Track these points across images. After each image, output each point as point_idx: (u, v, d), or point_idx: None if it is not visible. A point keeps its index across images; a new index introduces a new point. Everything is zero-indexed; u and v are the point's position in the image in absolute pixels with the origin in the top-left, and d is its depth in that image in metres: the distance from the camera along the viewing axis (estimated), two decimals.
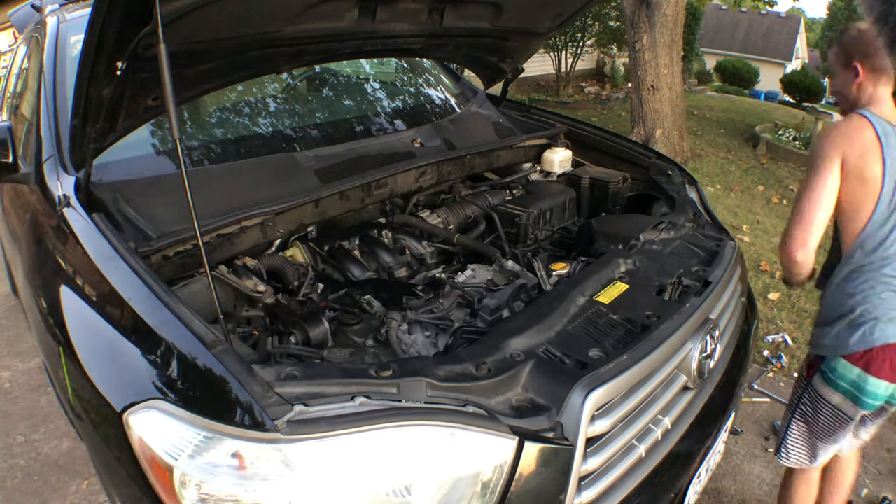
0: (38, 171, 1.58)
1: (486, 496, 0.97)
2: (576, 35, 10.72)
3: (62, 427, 2.39)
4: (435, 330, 1.38)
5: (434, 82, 2.75)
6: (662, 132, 6.12)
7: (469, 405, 0.99)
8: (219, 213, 1.37)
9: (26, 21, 2.64)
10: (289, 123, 2.10)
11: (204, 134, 1.91)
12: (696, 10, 12.14)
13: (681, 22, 6.18)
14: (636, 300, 1.34)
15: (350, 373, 0.99)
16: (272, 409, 0.87)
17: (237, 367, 0.92)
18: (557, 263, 1.59)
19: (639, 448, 1.18)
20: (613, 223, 1.80)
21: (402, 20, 1.62)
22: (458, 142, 1.98)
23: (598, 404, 1.06)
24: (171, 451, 0.92)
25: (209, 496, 0.90)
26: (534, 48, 2.17)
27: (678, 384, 1.30)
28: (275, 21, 1.36)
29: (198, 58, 1.33)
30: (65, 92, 1.70)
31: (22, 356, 2.95)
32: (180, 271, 1.38)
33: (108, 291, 1.14)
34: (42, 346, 1.42)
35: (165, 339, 1.01)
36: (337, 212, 1.73)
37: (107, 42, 1.03)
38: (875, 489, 2.20)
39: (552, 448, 1.00)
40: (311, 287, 1.56)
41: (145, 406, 0.97)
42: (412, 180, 1.90)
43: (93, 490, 2.11)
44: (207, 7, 1.12)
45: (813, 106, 13.92)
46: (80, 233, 1.27)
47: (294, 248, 1.69)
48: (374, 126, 2.09)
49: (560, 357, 1.14)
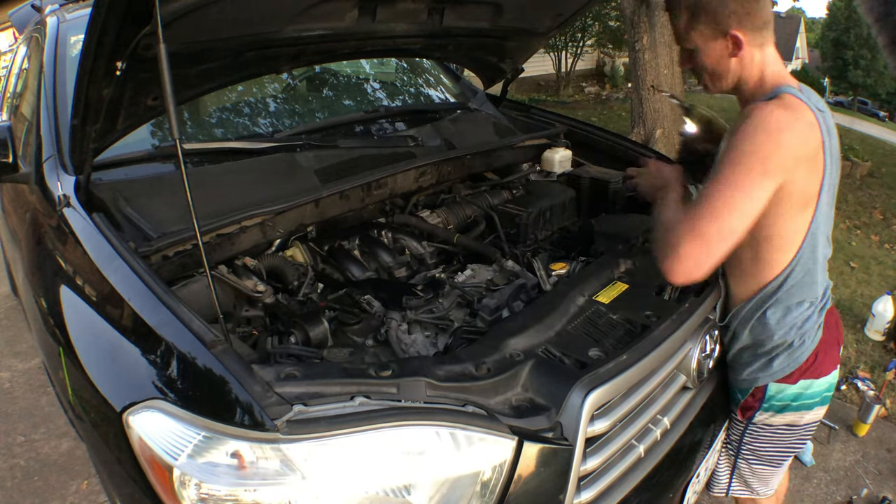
0: (38, 171, 1.58)
1: (486, 496, 0.97)
2: (576, 35, 10.73)
3: (62, 427, 2.39)
4: (434, 330, 1.38)
5: (434, 82, 2.75)
6: (662, 132, 6.11)
7: (468, 405, 0.99)
8: (219, 213, 1.37)
9: (26, 21, 2.64)
10: (289, 123, 2.11)
11: (204, 134, 1.92)
12: None
13: None
14: (636, 300, 1.34)
15: (350, 373, 0.99)
16: (272, 409, 0.87)
17: (237, 367, 0.92)
18: (557, 263, 1.59)
19: (638, 448, 1.18)
20: (613, 223, 1.80)
21: (402, 20, 1.62)
22: (458, 142, 1.98)
23: (597, 404, 1.06)
24: (171, 451, 0.92)
25: (209, 496, 0.90)
26: (534, 48, 2.17)
27: (677, 384, 1.30)
28: (275, 21, 1.36)
29: (198, 58, 1.33)
30: (65, 92, 1.70)
31: (22, 356, 2.95)
32: (180, 271, 1.38)
33: (107, 291, 1.14)
34: (42, 346, 1.42)
35: (165, 339, 1.02)
36: (337, 212, 1.73)
37: (107, 42, 1.03)
38: (875, 489, 2.20)
39: (551, 448, 1.00)
40: (310, 287, 1.56)
41: (145, 406, 0.98)
42: (412, 180, 1.90)
43: (93, 490, 2.11)
44: (207, 7, 1.12)
45: None
46: (80, 233, 1.27)
47: (294, 248, 1.69)
48: (373, 126, 2.09)
49: (560, 357, 1.14)
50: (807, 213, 1.20)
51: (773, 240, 1.22)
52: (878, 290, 3.87)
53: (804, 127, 1.12)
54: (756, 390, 1.37)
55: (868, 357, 3.07)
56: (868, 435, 2.48)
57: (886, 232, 5.65)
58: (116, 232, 1.23)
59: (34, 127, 1.76)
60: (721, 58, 1.22)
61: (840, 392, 2.76)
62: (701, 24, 1.21)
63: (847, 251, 4.77)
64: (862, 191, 7.07)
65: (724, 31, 1.19)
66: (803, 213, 1.20)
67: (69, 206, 1.35)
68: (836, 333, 1.37)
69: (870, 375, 2.88)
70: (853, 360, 3.03)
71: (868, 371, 2.93)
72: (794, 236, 1.22)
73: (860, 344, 3.19)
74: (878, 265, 4.56)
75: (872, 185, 7.48)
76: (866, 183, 7.54)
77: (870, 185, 7.47)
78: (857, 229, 5.59)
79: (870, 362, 3.02)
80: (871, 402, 2.44)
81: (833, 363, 1.36)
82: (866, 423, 2.46)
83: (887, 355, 3.08)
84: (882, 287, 3.96)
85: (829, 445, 2.42)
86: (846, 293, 3.85)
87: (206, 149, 1.66)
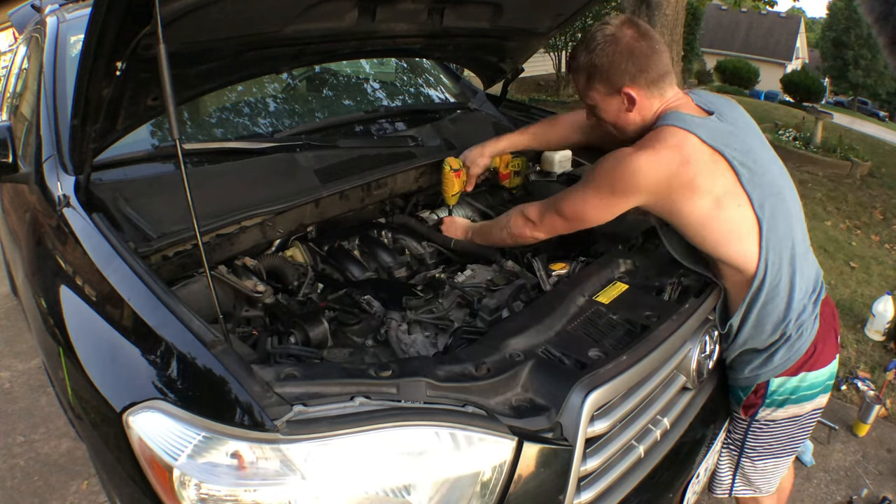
0: (37, 171, 1.58)
1: (486, 496, 0.97)
2: (576, 35, 10.72)
3: (62, 427, 2.39)
4: (434, 330, 1.38)
5: (434, 82, 2.75)
6: None
7: (468, 405, 0.99)
8: (218, 214, 1.37)
9: (26, 21, 2.64)
10: (289, 123, 2.10)
11: (204, 134, 1.92)
12: (696, 10, 12.14)
13: (681, 22, 6.17)
14: (636, 300, 1.34)
15: (350, 373, 0.99)
16: (272, 409, 0.87)
17: (237, 367, 0.92)
18: (557, 263, 1.59)
19: (638, 448, 1.18)
20: (613, 223, 1.79)
21: (402, 20, 1.62)
22: (458, 142, 1.98)
23: (597, 404, 1.06)
24: (171, 451, 0.92)
25: (209, 496, 0.90)
26: (534, 48, 2.17)
27: (677, 384, 1.30)
28: (275, 21, 1.36)
29: (198, 58, 1.33)
30: (65, 92, 1.70)
31: (22, 356, 2.95)
32: (180, 271, 1.38)
33: (107, 291, 1.14)
34: (42, 346, 1.42)
35: (165, 339, 1.02)
36: (337, 212, 1.73)
37: (106, 42, 1.03)
38: (875, 489, 2.20)
39: (551, 448, 1.00)
40: (310, 287, 1.56)
41: (145, 406, 0.97)
42: (412, 180, 1.90)
43: (93, 490, 2.11)
44: (207, 7, 1.12)
45: (813, 106, 13.92)
46: (80, 233, 1.27)
47: (294, 248, 1.68)
48: (373, 126, 2.09)
49: (559, 357, 1.14)
50: (737, 210, 1.23)
51: (728, 244, 1.27)
52: (878, 290, 3.87)
53: (665, 152, 1.20)
54: (758, 387, 1.38)
55: (868, 357, 3.07)
56: (868, 435, 2.48)
57: (886, 232, 5.65)
58: (116, 232, 1.23)
59: (34, 127, 1.76)
60: (619, 112, 1.31)
61: (840, 392, 2.76)
62: (596, 83, 1.30)
63: (847, 251, 4.77)
64: (862, 191, 7.07)
65: (617, 89, 1.28)
66: (728, 210, 1.23)
67: (69, 206, 1.35)
68: (832, 323, 1.39)
69: (870, 375, 2.88)
70: (853, 360, 3.03)
71: (868, 371, 2.93)
72: (746, 234, 1.25)
73: (860, 344, 3.19)
74: (879, 265, 4.56)
75: (872, 185, 7.48)
76: (866, 183, 7.53)
77: (870, 185, 7.46)
78: (857, 229, 5.58)
79: (870, 362, 3.02)
80: (871, 402, 2.44)
81: (832, 352, 1.38)
82: (866, 423, 2.46)
83: (887, 355, 3.08)
84: (882, 287, 3.96)
85: (830, 445, 2.42)
86: (846, 293, 3.85)
87: (206, 149, 1.66)
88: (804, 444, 2.29)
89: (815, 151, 8.07)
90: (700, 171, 1.20)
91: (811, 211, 5.63)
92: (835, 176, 7.45)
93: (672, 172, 1.20)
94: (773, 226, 1.26)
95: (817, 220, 5.48)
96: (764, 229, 1.24)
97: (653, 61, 1.26)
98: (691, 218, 1.24)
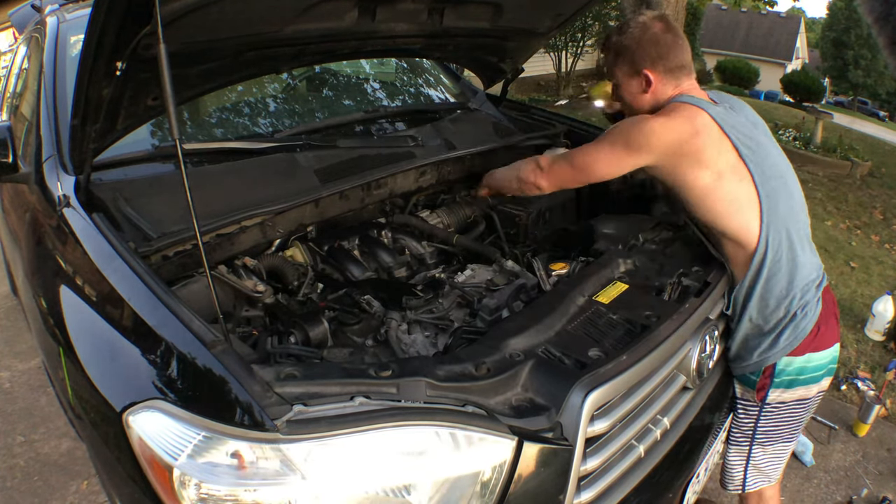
0: (37, 171, 1.58)
1: (486, 496, 0.97)
2: (576, 35, 10.71)
3: (62, 427, 2.39)
4: (434, 330, 1.38)
5: (434, 82, 2.75)
6: None
7: (468, 405, 0.99)
8: (218, 214, 1.37)
9: (26, 21, 2.64)
10: (289, 123, 2.10)
11: (204, 134, 1.92)
12: (697, 10, 12.15)
13: (681, 22, 6.17)
14: (636, 300, 1.34)
15: (350, 373, 0.99)
16: (272, 409, 0.87)
17: (237, 367, 0.92)
18: (557, 263, 1.59)
19: (638, 448, 1.18)
20: (613, 223, 1.80)
21: (402, 20, 1.62)
22: (458, 142, 1.98)
23: (597, 404, 1.06)
24: (171, 451, 0.92)
25: (209, 496, 0.90)
26: (534, 48, 2.17)
27: (677, 384, 1.30)
28: (275, 21, 1.36)
29: (198, 58, 1.33)
30: (65, 92, 1.70)
31: (22, 356, 2.95)
32: (180, 271, 1.38)
33: (107, 291, 1.14)
34: (42, 346, 1.42)
35: (165, 339, 1.02)
36: (337, 212, 1.73)
37: (107, 42, 1.03)
38: (875, 489, 2.20)
39: (551, 448, 1.00)
40: (310, 287, 1.56)
41: (145, 406, 0.97)
42: (412, 180, 1.90)
43: (93, 490, 2.11)
44: (207, 7, 1.12)
45: (813, 106, 13.93)
46: (80, 233, 1.27)
47: (294, 248, 1.68)
48: (373, 126, 2.09)
49: (559, 357, 1.14)
50: (738, 184, 1.33)
51: (729, 216, 1.35)
52: (878, 290, 3.87)
53: (679, 120, 1.32)
54: (766, 369, 1.43)
55: (868, 357, 3.07)
56: (868, 435, 2.48)
57: (886, 232, 5.65)
58: (116, 232, 1.23)
59: (34, 127, 1.76)
60: (637, 93, 1.44)
61: (840, 392, 2.76)
62: (622, 62, 1.44)
63: (847, 251, 4.77)
64: (862, 191, 7.07)
65: (637, 71, 1.41)
66: (730, 183, 1.32)
67: (69, 206, 1.35)
68: (833, 309, 1.46)
69: (870, 375, 2.88)
70: (853, 360, 3.03)
71: (868, 371, 2.93)
72: (747, 208, 1.34)
73: (860, 344, 3.19)
74: (879, 265, 4.56)
75: (872, 184, 7.48)
76: (866, 183, 7.53)
77: (870, 184, 7.46)
78: (858, 229, 5.58)
79: (870, 362, 3.02)
80: (871, 402, 2.44)
81: (834, 334, 1.45)
82: (866, 423, 2.46)
83: (887, 355, 3.08)
84: (882, 287, 3.96)
85: (830, 445, 2.42)
86: (846, 293, 3.85)
87: (206, 149, 1.66)
88: (804, 444, 2.30)
89: (815, 151, 8.08)
90: (707, 145, 1.31)
91: (811, 211, 5.59)
92: (835, 176, 7.45)
93: (683, 139, 1.30)
94: (773, 205, 1.33)
95: (817, 220, 5.47)
96: (764, 206, 1.32)
97: (673, 52, 1.38)
98: (694, 189, 1.34)
